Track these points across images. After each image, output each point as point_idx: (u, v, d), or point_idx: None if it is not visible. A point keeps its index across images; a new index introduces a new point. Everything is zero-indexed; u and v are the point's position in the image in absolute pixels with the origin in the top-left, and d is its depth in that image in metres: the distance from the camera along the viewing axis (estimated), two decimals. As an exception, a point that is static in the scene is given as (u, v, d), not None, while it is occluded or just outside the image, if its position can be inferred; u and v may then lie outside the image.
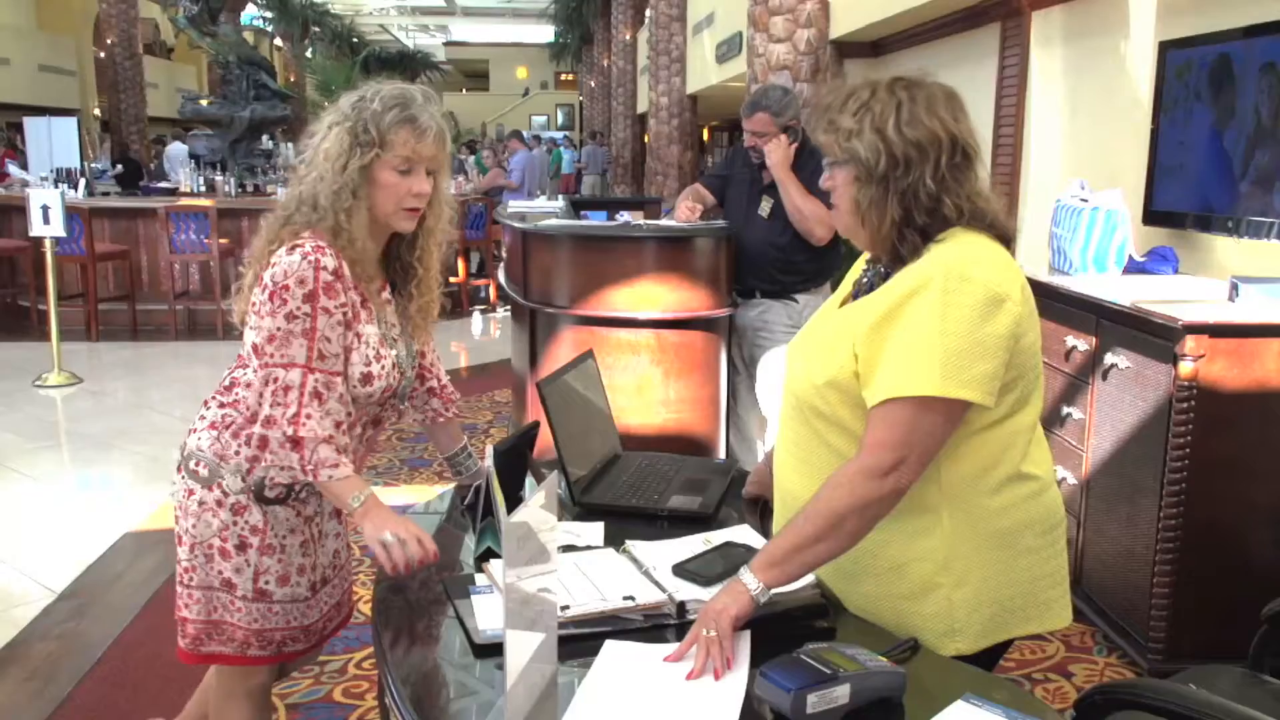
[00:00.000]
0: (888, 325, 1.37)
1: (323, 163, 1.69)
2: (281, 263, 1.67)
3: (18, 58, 18.23)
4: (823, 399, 1.45)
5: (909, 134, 1.40)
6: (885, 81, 1.45)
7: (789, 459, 1.56)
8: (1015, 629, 1.50)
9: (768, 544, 1.41)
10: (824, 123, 1.46)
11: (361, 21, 31.76)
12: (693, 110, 14.15)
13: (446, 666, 1.41)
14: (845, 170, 1.44)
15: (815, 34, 6.38)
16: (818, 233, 3.36)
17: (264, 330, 1.68)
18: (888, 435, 1.35)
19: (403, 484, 4.42)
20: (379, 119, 1.68)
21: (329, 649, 2.91)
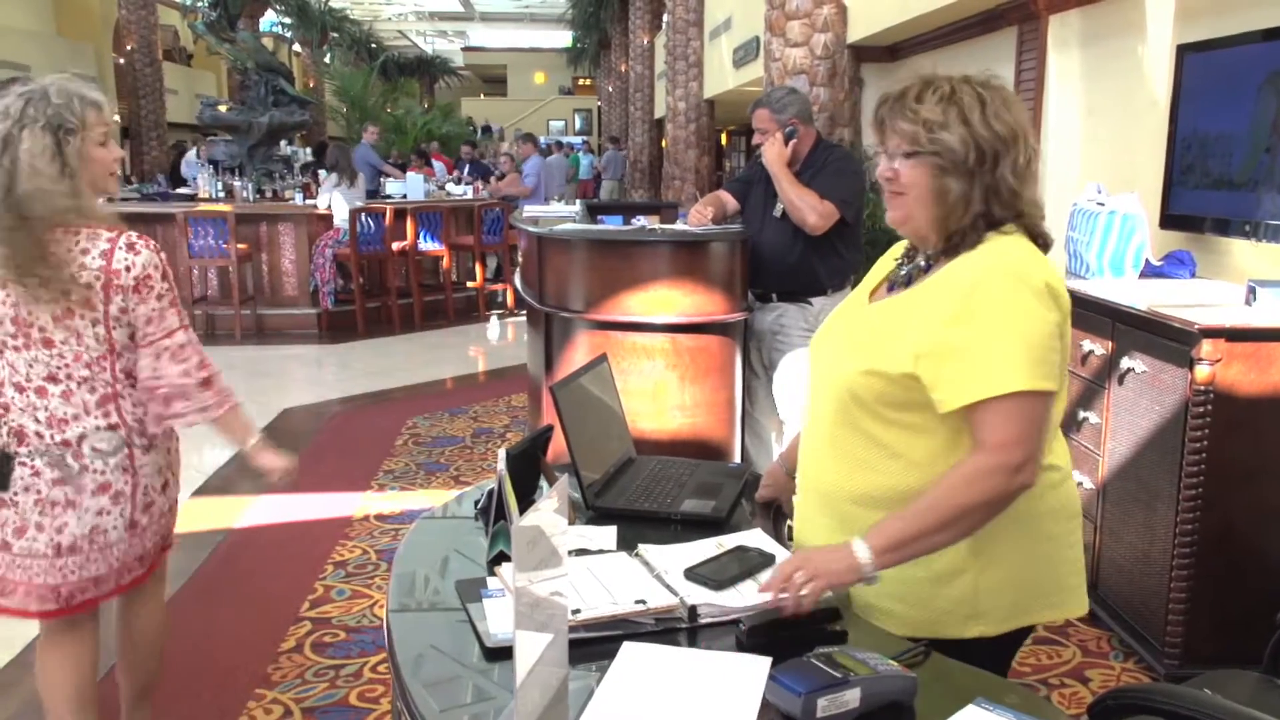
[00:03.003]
0: (959, 325, 1.40)
1: (37, 162, 1.94)
2: (136, 263, 2.00)
3: (38, 64, 18.37)
4: (866, 388, 1.47)
5: (996, 128, 1.43)
6: (958, 77, 1.47)
7: (824, 452, 1.57)
8: (1036, 615, 1.55)
9: (884, 525, 1.42)
10: (904, 112, 1.46)
11: (380, 27, 31.96)
12: (710, 115, 14.16)
13: (458, 669, 1.42)
14: (926, 161, 1.44)
15: (832, 38, 6.38)
16: (810, 220, 3.36)
17: (141, 320, 2.02)
18: (1011, 433, 1.38)
19: (419, 488, 4.44)
20: (71, 108, 1.99)
21: (344, 652, 2.94)
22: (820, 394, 1.58)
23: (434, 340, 8.09)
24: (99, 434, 2.04)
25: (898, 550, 1.40)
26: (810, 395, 1.63)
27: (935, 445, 1.47)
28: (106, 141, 2.07)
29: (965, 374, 1.39)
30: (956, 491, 1.39)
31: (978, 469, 1.39)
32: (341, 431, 5.48)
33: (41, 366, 2.01)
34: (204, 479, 4.62)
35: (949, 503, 1.39)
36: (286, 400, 6.04)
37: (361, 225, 8.05)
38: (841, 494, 1.53)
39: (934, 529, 1.40)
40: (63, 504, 2.04)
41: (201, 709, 2.69)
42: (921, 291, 1.48)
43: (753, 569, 1.53)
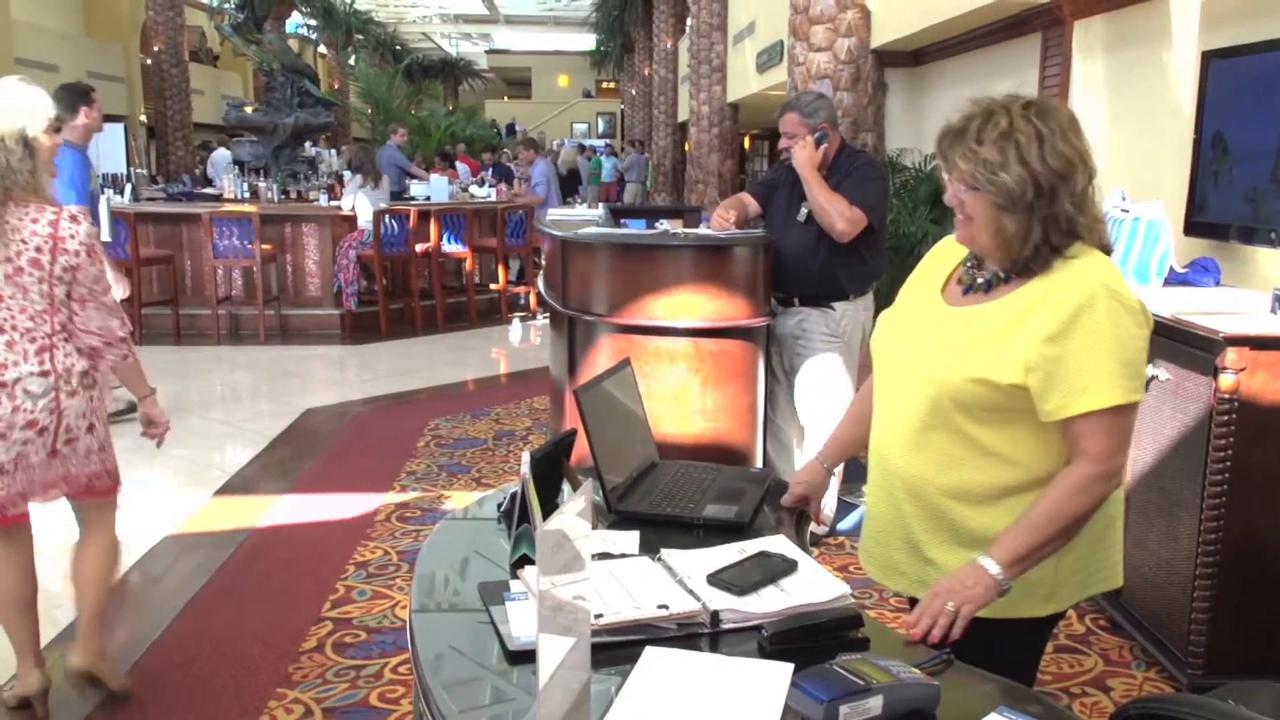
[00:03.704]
0: (1063, 341, 1.49)
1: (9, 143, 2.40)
2: (79, 231, 2.45)
3: (66, 64, 18.61)
4: (971, 394, 1.55)
5: (1052, 164, 1.50)
6: (1017, 108, 1.52)
7: (911, 445, 1.63)
8: (1092, 588, 1.69)
9: (1007, 541, 1.51)
10: (964, 151, 1.52)
11: (404, 29, 32.13)
12: (733, 118, 14.14)
13: (480, 671, 1.43)
14: (984, 196, 1.52)
15: (856, 43, 6.36)
16: (838, 226, 3.36)
17: (89, 279, 2.47)
18: (1112, 443, 1.51)
19: (440, 490, 4.46)
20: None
21: (365, 652, 2.96)
22: (907, 390, 1.63)
23: (456, 342, 8.13)
24: (32, 379, 2.42)
25: (1025, 562, 1.51)
26: (889, 386, 1.69)
27: (1029, 444, 1.56)
28: (50, 131, 2.52)
29: (1073, 388, 1.49)
30: (1071, 501, 1.51)
31: (1088, 478, 1.51)
32: (364, 432, 5.52)
33: None
34: (226, 479, 4.66)
35: (1067, 512, 1.51)
36: (309, 400, 6.08)
37: (385, 227, 8.10)
38: (933, 487, 1.61)
39: (1055, 537, 1.51)
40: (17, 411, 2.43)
41: (223, 707, 2.71)
42: (1014, 305, 1.55)
43: (775, 575, 1.53)
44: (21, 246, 2.39)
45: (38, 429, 2.44)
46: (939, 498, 1.62)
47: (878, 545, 1.75)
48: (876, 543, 1.76)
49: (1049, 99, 1.58)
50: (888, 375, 1.71)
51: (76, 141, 4.85)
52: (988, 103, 1.55)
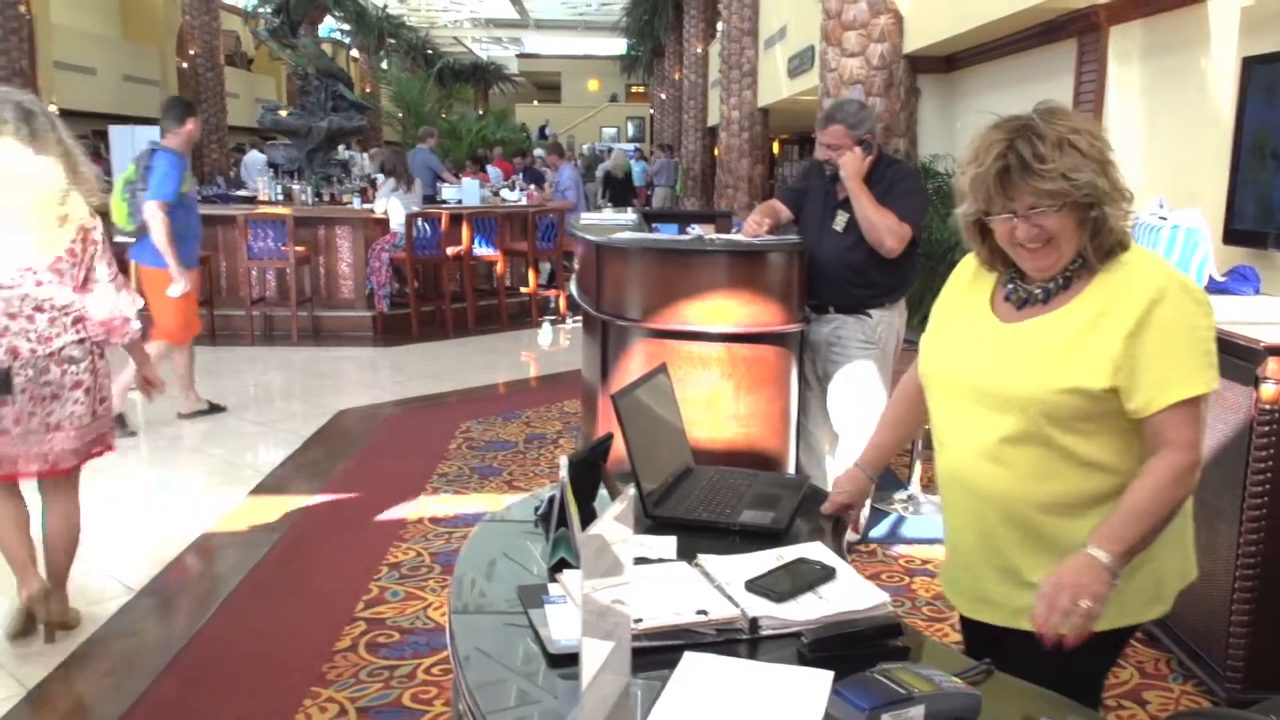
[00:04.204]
0: (1142, 336, 1.50)
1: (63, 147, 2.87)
2: (98, 223, 2.94)
3: (103, 68, 18.92)
4: (1065, 405, 1.54)
5: (1100, 146, 1.53)
6: (1036, 120, 1.53)
7: (994, 461, 1.60)
8: (1180, 584, 1.68)
9: (1112, 531, 1.49)
10: (1038, 175, 1.50)
11: (436, 34, 32.35)
12: (764, 123, 14.12)
13: (519, 675, 1.44)
14: (1069, 209, 1.52)
15: (888, 48, 6.34)
16: (888, 243, 3.35)
17: (105, 262, 2.94)
18: (1196, 433, 1.52)
19: (472, 492, 4.49)
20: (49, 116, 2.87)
21: (398, 653, 2.98)
22: (987, 410, 1.60)
23: (487, 345, 8.17)
24: (73, 346, 2.90)
25: (1133, 552, 1.50)
26: (958, 410, 1.66)
27: (1117, 447, 1.57)
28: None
29: (1157, 381, 1.50)
30: (1169, 489, 1.51)
31: (1181, 466, 1.51)
32: (396, 434, 5.56)
33: (30, 301, 2.83)
34: (260, 478, 4.71)
35: (1167, 500, 1.51)
36: (341, 402, 6.14)
37: (418, 230, 8.16)
38: (1027, 503, 1.59)
39: (1155, 527, 1.51)
40: (48, 399, 2.87)
41: (259, 705, 2.74)
42: (1085, 310, 1.55)
43: (814, 582, 1.54)
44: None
45: (84, 389, 2.93)
46: (1035, 514, 1.59)
47: (967, 577, 1.71)
48: (965, 574, 1.72)
49: (1045, 103, 1.58)
50: (954, 399, 1.67)
51: (178, 148, 5.32)
52: (1004, 129, 1.54)
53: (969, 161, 1.58)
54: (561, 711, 1.32)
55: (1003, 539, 1.62)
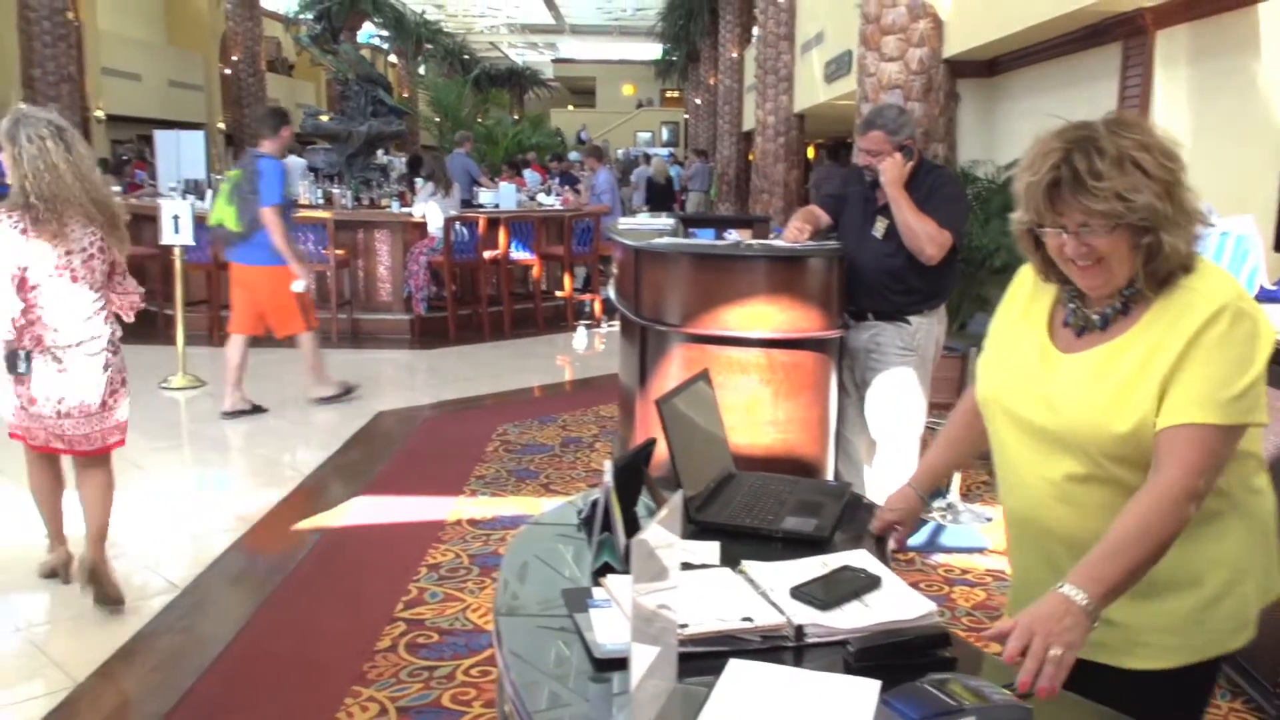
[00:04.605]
0: (1186, 355, 1.40)
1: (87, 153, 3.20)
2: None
3: (149, 73, 19.26)
4: (1127, 444, 1.44)
5: (1170, 165, 1.41)
6: (1100, 131, 1.42)
7: (1061, 500, 1.51)
8: (1264, 602, 1.57)
9: (1095, 570, 1.37)
10: (1088, 192, 1.40)
11: (472, 39, 32.59)
12: (800, 128, 14.08)
13: (565, 678, 1.44)
14: (1122, 231, 1.41)
15: (928, 53, 6.30)
16: (928, 251, 3.33)
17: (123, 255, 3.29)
18: (1201, 461, 1.39)
19: (509, 495, 4.51)
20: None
21: (437, 654, 3.00)
22: (1049, 448, 1.51)
23: (523, 348, 8.21)
24: (93, 341, 3.19)
25: (1117, 592, 1.37)
26: (1019, 445, 1.57)
27: None
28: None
29: (1180, 399, 1.40)
30: (1157, 520, 1.38)
31: (1175, 492, 1.38)
32: (433, 436, 5.60)
33: (66, 294, 3.13)
34: (301, 478, 4.76)
35: (1156, 533, 1.38)
36: (380, 404, 6.19)
37: (455, 234, 8.22)
38: (1067, 536, 1.51)
39: (1144, 563, 1.38)
40: (62, 384, 3.15)
41: (301, 704, 2.77)
42: (1143, 341, 1.45)
43: (859, 590, 1.53)
44: (93, 238, 3.19)
45: (95, 382, 3.23)
46: None
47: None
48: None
49: (1117, 112, 1.49)
50: (1015, 432, 1.57)
51: (278, 154, 5.80)
52: (1066, 137, 1.43)
53: (1024, 167, 1.48)
54: (609, 716, 1.33)
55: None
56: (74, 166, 3.09)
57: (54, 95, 12.64)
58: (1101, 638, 1.44)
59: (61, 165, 3.06)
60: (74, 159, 3.10)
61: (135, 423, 5.63)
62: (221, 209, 5.77)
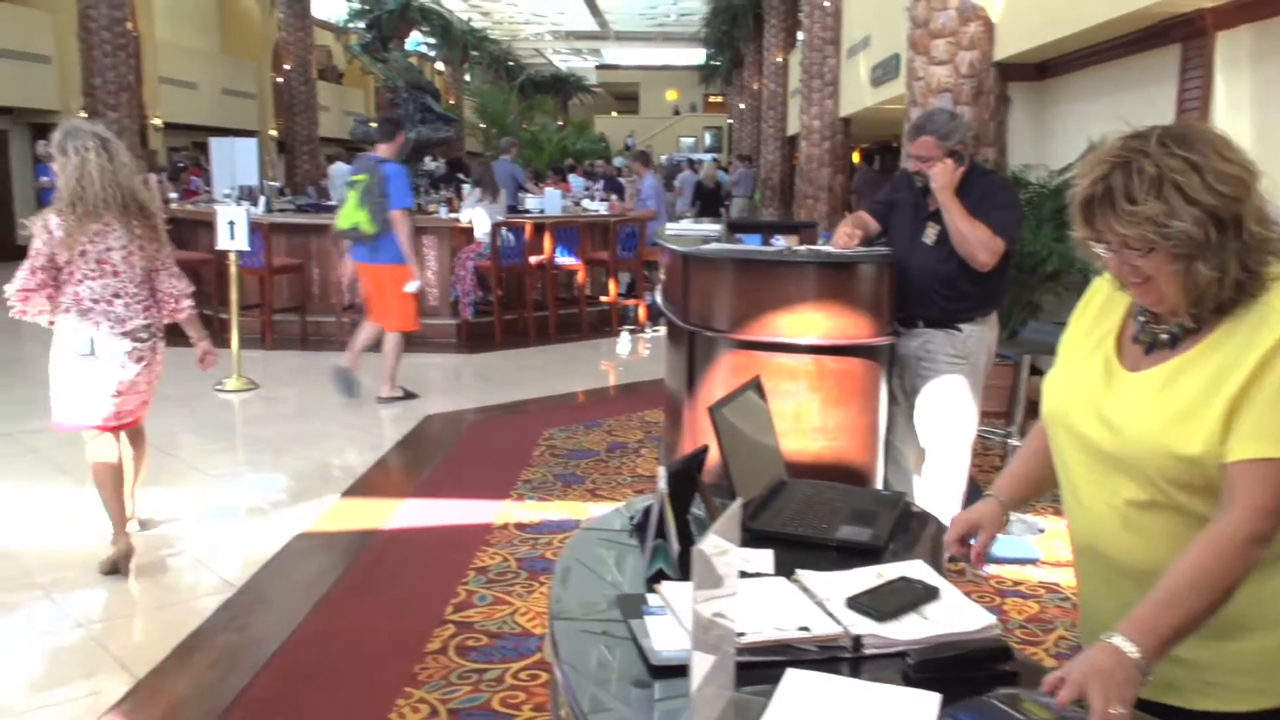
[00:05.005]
0: (1258, 378, 1.31)
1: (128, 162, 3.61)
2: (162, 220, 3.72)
3: (204, 82, 19.66)
4: (1193, 472, 1.35)
5: (1223, 190, 1.30)
6: (1154, 146, 1.33)
7: (1126, 529, 1.43)
8: None
9: (1144, 615, 1.29)
10: (1119, 215, 1.33)
11: (518, 46, 32.86)
12: (845, 133, 14.00)
13: (619, 685, 1.45)
14: (1161, 253, 1.33)
15: (978, 56, 6.23)
16: (980, 257, 3.29)
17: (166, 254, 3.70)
18: (1271, 500, 1.29)
19: (556, 499, 4.53)
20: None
21: (487, 656, 3.03)
22: (1113, 472, 1.43)
23: (568, 353, 8.24)
24: (142, 329, 3.60)
25: (1171, 644, 1.29)
26: (1084, 468, 1.48)
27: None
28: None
29: (1249, 430, 1.30)
30: (1218, 565, 1.29)
31: (1240, 536, 1.29)
32: (480, 440, 5.64)
33: (109, 286, 3.52)
34: (351, 481, 4.82)
35: (1217, 580, 1.29)
36: (428, 407, 6.25)
37: (502, 239, 8.28)
38: (1135, 567, 1.41)
39: (1201, 612, 1.29)
40: (120, 366, 3.56)
41: (354, 704, 2.81)
42: (1211, 361, 1.36)
43: (917, 601, 1.52)
44: (131, 236, 3.55)
45: (146, 363, 3.64)
46: None
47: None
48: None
49: (1182, 122, 1.40)
50: (1077, 453, 1.49)
51: (392, 157, 6.19)
52: (1115, 150, 1.35)
53: (1077, 176, 1.42)
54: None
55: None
56: (114, 174, 3.48)
57: (113, 104, 12.93)
58: (1171, 677, 1.38)
59: (98, 174, 3.44)
60: (114, 167, 3.49)
61: (190, 424, 5.82)
62: (353, 213, 6.09)
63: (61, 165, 3.48)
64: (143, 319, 3.60)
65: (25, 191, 15.05)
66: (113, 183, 3.47)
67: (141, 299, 3.60)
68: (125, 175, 3.54)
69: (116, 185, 3.49)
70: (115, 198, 3.48)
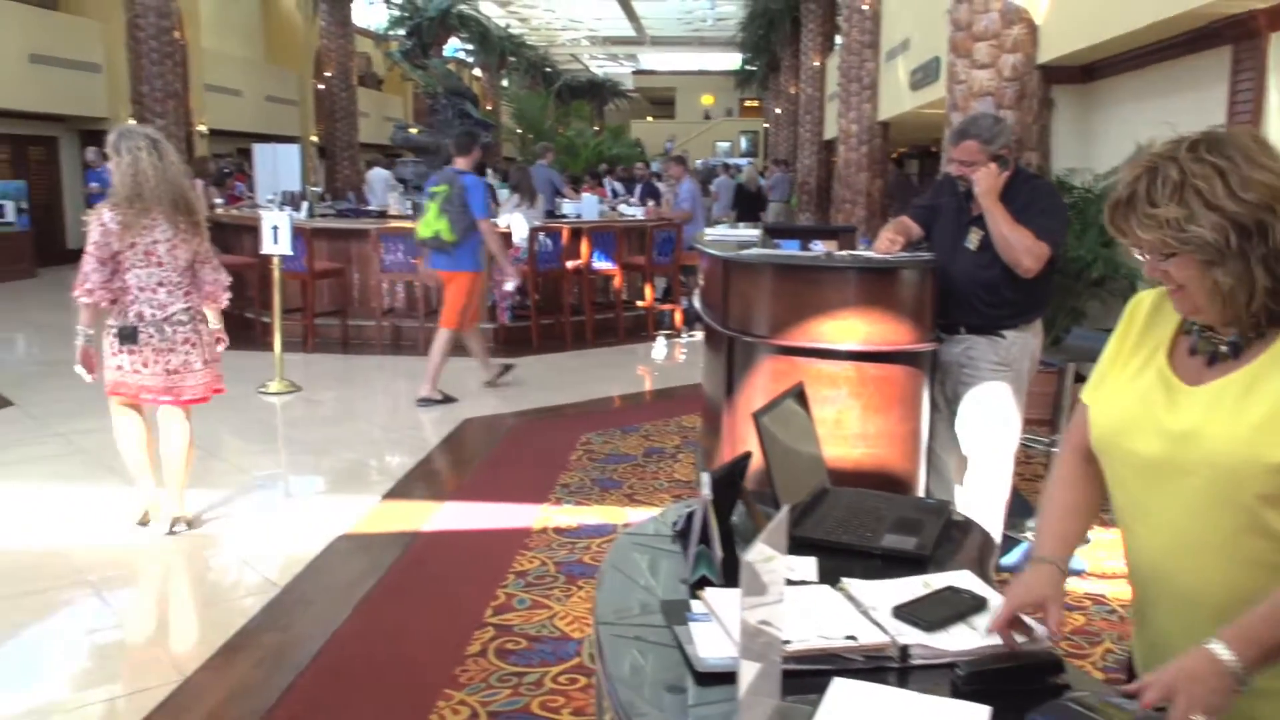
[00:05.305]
0: None
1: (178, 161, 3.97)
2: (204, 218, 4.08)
3: (248, 89, 19.95)
4: (1273, 485, 1.29)
5: (1247, 197, 1.27)
6: (1183, 152, 1.31)
7: (1204, 555, 1.36)
8: None
9: (1251, 625, 1.25)
10: (1139, 220, 1.32)
11: (555, 52, 33.01)
12: (883, 137, 13.90)
13: (664, 692, 1.45)
14: (1186, 259, 1.31)
15: (1021, 59, 6.17)
16: (1025, 262, 3.24)
17: (207, 247, 4.02)
18: None
19: (593, 504, 4.53)
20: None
21: (526, 660, 3.04)
22: (1187, 493, 1.35)
23: (604, 358, 8.26)
24: (183, 312, 3.91)
25: (1271, 658, 1.24)
26: (1150, 490, 1.41)
27: None
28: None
29: None
30: None
31: None
32: (518, 444, 5.66)
33: (155, 275, 3.84)
34: (391, 483, 4.86)
35: None
36: (466, 411, 6.29)
37: (540, 244, 8.31)
38: (1246, 604, 1.30)
39: None
40: (165, 350, 3.88)
41: (395, 705, 2.83)
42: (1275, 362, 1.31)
43: (965, 611, 1.50)
44: (176, 229, 3.87)
45: (192, 344, 3.94)
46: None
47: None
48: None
49: (1219, 129, 1.36)
50: (1140, 477, 1.41)
51: (470, 169, 6.56)
52: (1148, 157, 1.33)
53: (1118, 180, 1.40)
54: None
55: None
56: (162, 172, 3.81)
57: (160, 111, 13.17)
58: (1252, 710, 1.31)
59: (151, 171, 3.78)
60: (163, 165, 3.82)
61: (235, 426, 5.90)
62: (434, 222, 6.40)
63: (116, 164, 3.81)
64: (183, 304, 3.91)
65: (75, 197, 15.36)
66: (162, 179, 3.80)
67: (183, 287, 3.92)
68: (173, 174, 3.86)
69: (166, 182, 3.81)
70: (165, 194, 3.81)
